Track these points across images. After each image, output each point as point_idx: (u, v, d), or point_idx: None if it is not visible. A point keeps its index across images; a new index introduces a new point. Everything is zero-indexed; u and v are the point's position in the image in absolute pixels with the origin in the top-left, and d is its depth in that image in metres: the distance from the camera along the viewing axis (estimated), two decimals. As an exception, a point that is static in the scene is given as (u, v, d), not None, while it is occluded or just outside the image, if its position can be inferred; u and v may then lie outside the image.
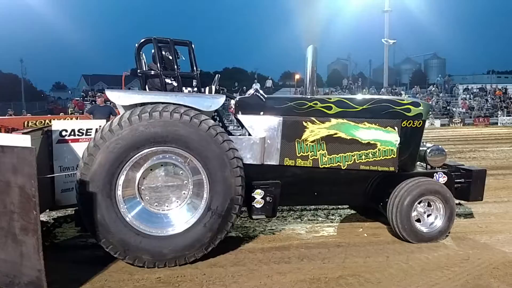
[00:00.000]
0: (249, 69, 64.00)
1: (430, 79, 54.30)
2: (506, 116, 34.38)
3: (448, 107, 37.26)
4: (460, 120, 33.25)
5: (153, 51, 4.96)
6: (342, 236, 5.24)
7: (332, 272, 4.12)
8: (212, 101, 4.53)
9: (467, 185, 5.23)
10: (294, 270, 4.19)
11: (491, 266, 4.22)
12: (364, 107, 4.97)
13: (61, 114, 23.14)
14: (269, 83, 46.14)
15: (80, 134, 5.05)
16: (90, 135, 5.04)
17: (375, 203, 5.24)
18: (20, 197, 3.32)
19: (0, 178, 3.40)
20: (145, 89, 4.90)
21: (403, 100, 5.24)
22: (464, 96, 39.45)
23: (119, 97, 4.42)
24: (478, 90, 41.26)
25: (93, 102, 21.86)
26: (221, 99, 4.58)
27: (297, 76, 55.24)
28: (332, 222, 5.91)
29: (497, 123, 32.73)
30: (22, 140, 3.62)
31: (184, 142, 4.17)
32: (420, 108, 5.11)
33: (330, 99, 4.98)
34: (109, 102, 10.87)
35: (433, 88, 43.17)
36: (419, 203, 4.84)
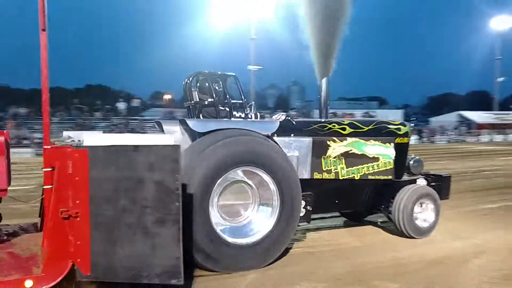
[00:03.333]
0: (115, 87, 61.44)
1: (292, 104, 58.75)
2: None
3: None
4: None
5: (198, 83, 5.57)
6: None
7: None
8: (270, 126, 5.24)
9: (437, 187, 6.46)
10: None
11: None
12: (369, 127, 6.05)
13: None
14: (136, 103, 45.15)
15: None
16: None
17: (377, 206, 6.32)
18: (156, 192, 3.57)
19: (132, 176, 3.60)
20: (199, 117, 5.41)
21: (395, 121, 6.48)
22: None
23: (197, 125, 4.86)
24: (331, 114, 46.36)
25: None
26: (276, 124, 5.28)
27: (167, 96, 54.88)
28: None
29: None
30: (165, 139, 3.83)
31: (265, 162, 4.80)
32: (406, 127, 6.39)
33: (344, 121, 5.98)
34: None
35: (293, 112, 46.89)
36: (416, 203, 5.96)
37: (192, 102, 5.55)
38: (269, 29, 50.35)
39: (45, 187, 3.91)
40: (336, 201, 5.99)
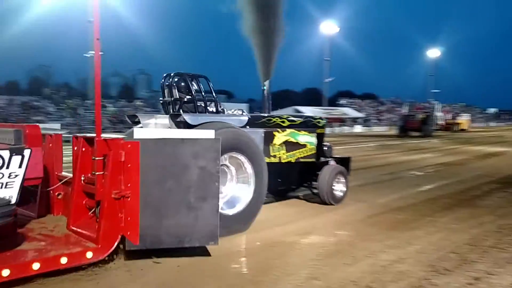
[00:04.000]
0: None
1: (139, 93, 57.34)
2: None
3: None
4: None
5: (175, 83, 6.49)
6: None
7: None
8: (243, 120, 6.57)
9: (343, 166, 8.24)
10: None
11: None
12: (301, 121, 7.67)
13: None
14: None
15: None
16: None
17: (304, 182, 7.99)
18: (200, 175, 4.58)
19: (178, 162, 4.53)
20: (179, 112, 6.26)
21: (316, 117, 8.28)
22: (167, 111, 44.08)
23: (191, 119, 5.81)
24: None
25: None
26: (246, 118, 6.60)
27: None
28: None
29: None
30: (207, 133, 4.70)
31: (247, 150, 6.04)
32: (324, 121, 8.24)
33: (283, 116, 7.45)
34: None
35: (140, 103, 45.89)
36: (334, 179, 7.78)
37: (172, 99, 6.45)
38: (111, 11, 48.08)
39: (97, 173, 4.54)
40: (279, 180, 7.42)
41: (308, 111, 43.52)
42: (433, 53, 54.48)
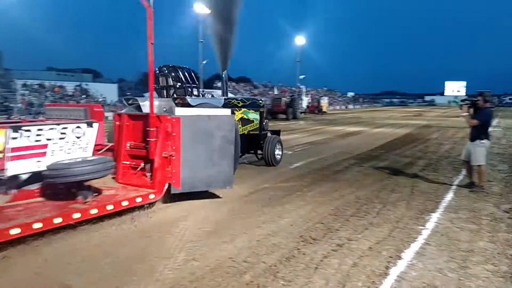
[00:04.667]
0: None
1: None
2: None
3: (6, 103, 35.07)
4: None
5: (169, 73, 8.29)
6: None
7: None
8: (221, 101, 8.61)
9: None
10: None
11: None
12: (249, 102, 9.89)
13: None
14: None
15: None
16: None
17: (251, 150, 10.30)
18: (221, 141, 6.59)
19: (206, 132, 6.48)
20: (173, 96, 8.05)
21: (258, 99, 10.66)
22: (23, 92, 39.60)
23: (192, 101, 7.68)
24: (37, 86, 41.96)
25: None
26: (223, 100, 8.63)
27: None
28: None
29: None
30: (225, 111, 6.59)
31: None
32: (263, 102, 10.62)
33: (238, 99, 9.64)
34: None
35: None
36: (275, 146, 10.23)
37: (166, 85, 8.21)
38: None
39: (151, 140, 6.20)
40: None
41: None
42: (300, 40, 58.10)
